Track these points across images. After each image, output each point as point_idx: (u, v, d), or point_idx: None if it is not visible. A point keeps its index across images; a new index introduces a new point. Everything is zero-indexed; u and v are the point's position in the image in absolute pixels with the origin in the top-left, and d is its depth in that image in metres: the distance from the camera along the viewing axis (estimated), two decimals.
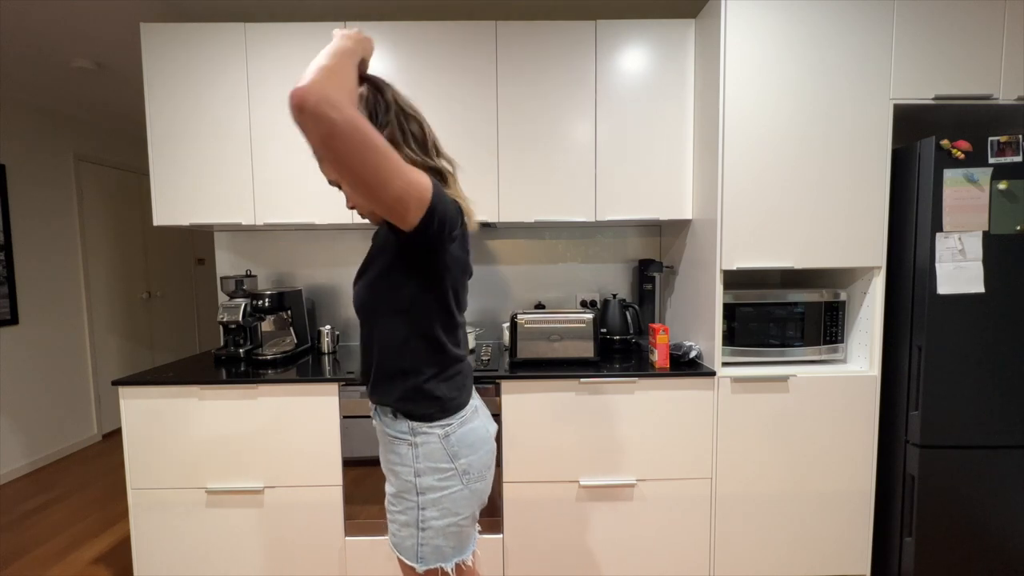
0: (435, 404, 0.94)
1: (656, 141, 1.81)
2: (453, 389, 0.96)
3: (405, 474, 0.94)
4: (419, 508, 0.93)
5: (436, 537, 0.93)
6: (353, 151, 0.71)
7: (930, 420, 1.57)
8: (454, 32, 1.78)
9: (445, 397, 0.94)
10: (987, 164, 1.50)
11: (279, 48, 1.78)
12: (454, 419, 0.95)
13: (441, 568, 0.94)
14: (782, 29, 1.56)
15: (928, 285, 1.53)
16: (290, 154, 1.80)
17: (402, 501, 0.95)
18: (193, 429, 1.63)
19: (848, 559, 1.70)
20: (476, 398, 1.04)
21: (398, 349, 0.93)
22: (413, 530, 0.93)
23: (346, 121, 0.69)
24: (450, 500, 0.93)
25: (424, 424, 0.93)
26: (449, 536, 0.94)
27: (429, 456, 0.93)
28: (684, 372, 1.65)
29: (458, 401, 0.97)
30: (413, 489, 0.93)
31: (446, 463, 0.93)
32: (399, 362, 0.93)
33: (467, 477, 0.95)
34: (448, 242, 0.89)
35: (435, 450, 0.93)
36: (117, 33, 2.13)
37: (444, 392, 0.94)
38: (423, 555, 0.93)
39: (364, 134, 0.72)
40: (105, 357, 3.45)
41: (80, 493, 2.62)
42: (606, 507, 1.67)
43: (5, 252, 2.78)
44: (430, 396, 0.93)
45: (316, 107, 0.67)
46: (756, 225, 1.61)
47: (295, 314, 2.01)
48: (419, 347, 0.93)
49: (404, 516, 0.94)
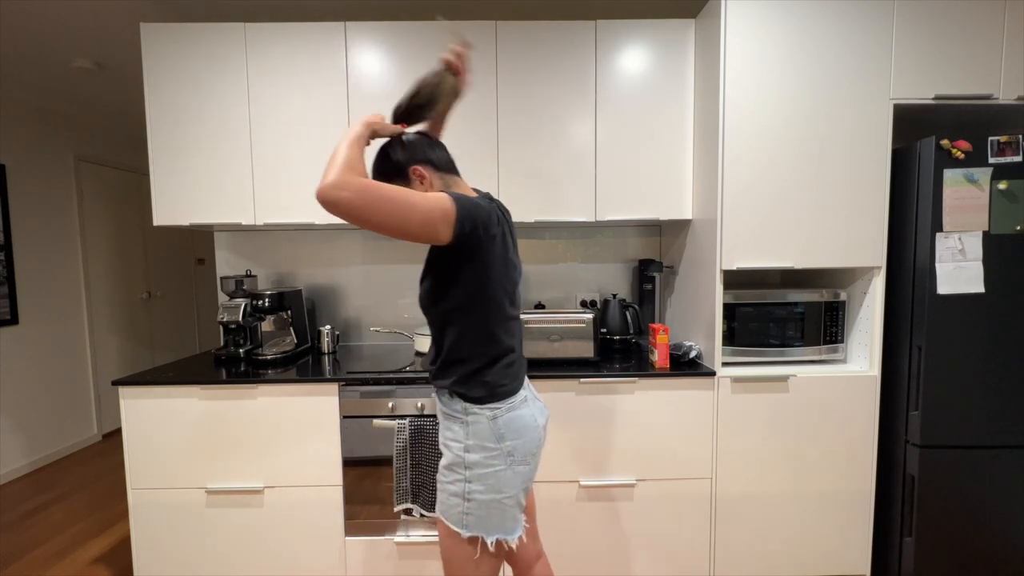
0: (485, 388, 1.03)
1: (656, 141, 1.81)
2: (503, 377, 1.05)
3: (456, 449, 1.04)
4: (466, 481, 1.02)
5: (480, 509, 1.02)
6: (371, 211, 0.87)
7: (930, 420, 1.57)
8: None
9: (494, 383, 1.04)
10: (987, 164, 1.50)
11: (279, 48, 1.78)
12: (503, 404, 1.04)
13: (482, 538, 1.02)
14: (782, 29, 1.56)
15: (928, 285, 1.53)
16: (290, 154, 1.80)
17: (452, 473, 1.04)
18: (193, 429, 1.63)
19: (848, 559, 1.70)
20: (528, 388, 1.12)
21: (456, 341, 1.04)
22: (460, 500, 1.02)
23: (355, 193, 0.86)
24: (494, 478, 1.02)
25: (475, 405, 1.03)
26: (492, 511, 1.02)
27: (478, 434, 1.03)
28: (684, 372, 1.65)
29: (508, 388, 1.05)
30: (462, 463, 1.03)
31: (492, 443, 1.02)
32: (456, 352, 1.04)
33: (511, 459, 1.03)
34: (488, 242, 0.98)
35: (483, 430, 1.03)
36: (117, 33, 2.13)
37: (494, 379, 1.04)
38: (467, 523, 1.02)
39: (373, 193, 0.87)
40: (105, 357, 3.45)
41: (80, 493, 2.62)
42: (606, 507, 1.67)
43: (5, 252, 2.78)
44: (481, 382, 1.03)
45: (329, 195, 0.85)
46: (756, 225, 1.61)
47: (295, 314, 2.01)
48: (473, 339, 1.03)
49: (453, 487, 1.04)
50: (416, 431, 1.55)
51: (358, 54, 1.79)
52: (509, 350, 1.07)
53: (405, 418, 1.57)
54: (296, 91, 1.79)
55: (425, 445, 1.55)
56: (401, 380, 1.64)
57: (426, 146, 1.08)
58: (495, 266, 1.01)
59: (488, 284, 1.00)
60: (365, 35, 1.78)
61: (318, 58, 1.78)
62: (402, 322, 2.21)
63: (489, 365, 1.04)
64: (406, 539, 1.65)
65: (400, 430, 1.56)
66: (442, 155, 1.11)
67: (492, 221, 0.99)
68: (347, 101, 1.80)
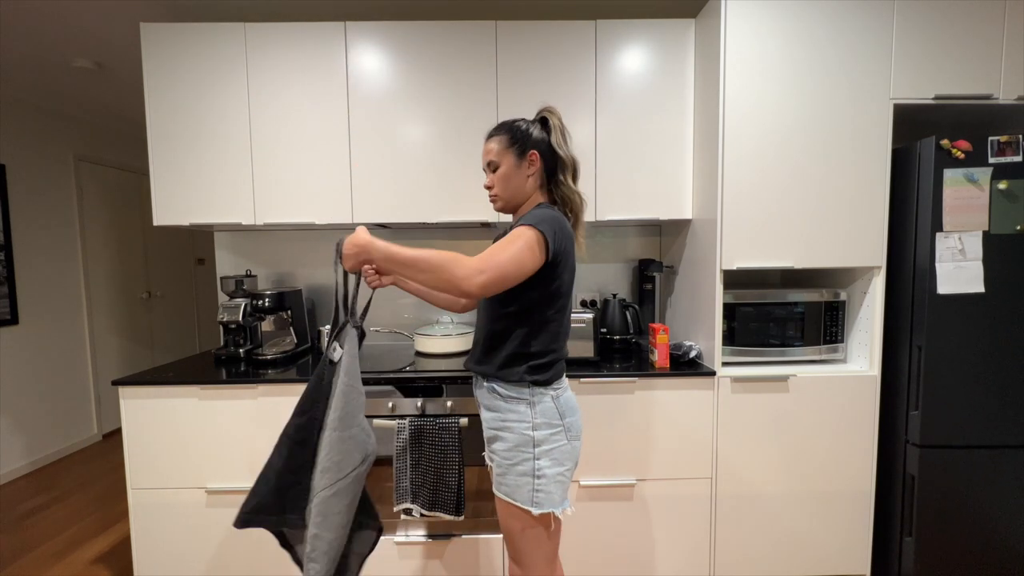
0: (549, 372, 1.15)
1: (656, 141, 1.81)
2: (560, 362, 1.19)
3: (523, 428, 1.12)
4: (535, 459, 1.10)
5: (548, 484, 1.10)
6: (505, 275, 1.02)
7: (930, 420, 1.57)
8: (454, 32, 1.78)
9: (555, 369, 1.17)
10: (987, 164, 1.50)
11: (279, 48, 1.78)
12: (560, 385, 1.18)
13: (553, 512, 1.10)
14: (782, 29, 1.56)
15: (928, 285, 1.53)
16: (290, 154, 1.80)
17: (519, 453, 1.11)
18: (193, 429, 1.63)
19: (848, 559, 1.70)
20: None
21: (528, 335, 1.14)
22: (529, 478, 1.10)
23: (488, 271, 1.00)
24: (559, 452, 1.12)
25: (541, 388, 1.14)
26: (558, 484, 1.11)
27: (544, 413, 1.12)
28: (684, 372, 1.65)
29: (562, 371, 1.20)
30: (531, 441, 1.11)
31: (556, 420, 1.13)
32: (528, 345, 1.14)
33: (570, 434, 1.14)
34: (569, 251, 1.13)
35: (548, 408, 1.13)
36: (117, 33, 2.13)
37: (557, 364, 1.17)
38: (538, 500, 1.09)
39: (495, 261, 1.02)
40: (105, 357, 3.45)
41: (80, 493, 2.62)
42: (606, 507, 1.67)
43: (5, 252, 2.78)
44: (548, 367, 1.15)
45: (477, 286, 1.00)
46: (756, 225, 1.61)
47: (295, 314, 2.01)
48: (546, 333, 1.15)
49: (521, 467, 1.11)
50: (416, 431, 1.55)
51: (358, 54, 1.79)
52: (566, 339, 1.22)
53: (405, 418, 1.57)
54: (296, 91, 1.79)
55: (425, 445, 1.55)
56: (401, 380, 1.64)
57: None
58: (568, 270, 1.14)
59: (561, 286, 1.14)
60: (365, 35, 1.78)
61: (318, 58, 1.78)
62: (402, 322, 2.20)
63: (555, 353, 1.16)
64: (406, 539, 1.65)
65: (400, 430, 1.56)
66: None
67: (568, 231, 1.13)
68: (347, 101, 1.80)
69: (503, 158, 1.17)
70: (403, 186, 1.82)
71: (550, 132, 1.18)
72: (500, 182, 1.18)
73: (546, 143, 1.17)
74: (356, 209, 1.82)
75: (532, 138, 1.17)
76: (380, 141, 1.81)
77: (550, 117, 1.19)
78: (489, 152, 1.19)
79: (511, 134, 1.17)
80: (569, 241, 1.13)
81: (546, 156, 1.18)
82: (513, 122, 1.19)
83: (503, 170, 1.17)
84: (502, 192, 1.19)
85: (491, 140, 1.19)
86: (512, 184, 1.18)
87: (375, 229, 2.16)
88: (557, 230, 1.08)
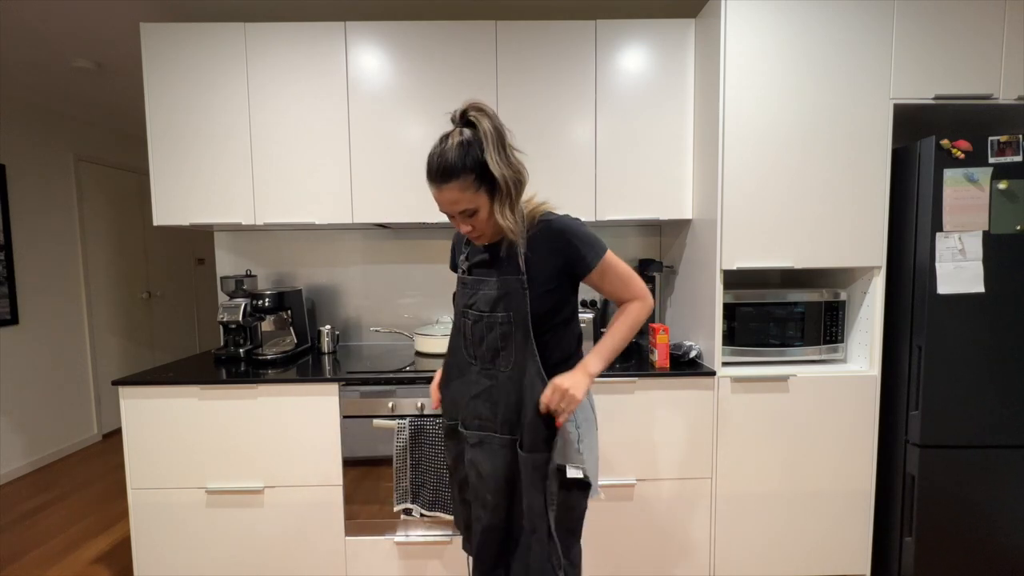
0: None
1: (656, 141, 1.81)
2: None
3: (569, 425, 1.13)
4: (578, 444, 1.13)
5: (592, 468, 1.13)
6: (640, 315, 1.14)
7: (930, 420, 1.57)
8: (454, 32, 1.78)
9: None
10: (987, 164, 1.50)
11: (279, 47, 1.78)
12: None
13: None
14: (782, 29, 1.56)
15: (928, 285, 1.53)
16: (290, 154, 1.80)
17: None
18: (193, 429, 1.63)
19: (848, 559, 1.70)
20: None
21: (564, 338, 1.15)
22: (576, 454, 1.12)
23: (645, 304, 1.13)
24: (593, 438, 1.16)
25: None
26: (593, 465, 1.14)
27: (581, 407, 1.13)
28: (684, 372, 1.65)
29: None
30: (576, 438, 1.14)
31: (590, 412, 1.17)
32: (568, 347, 1.16)
33: (596, 423, 1.20)
34: None
35: (586, 404, 1.16)
36: (117, 33, 2.13)
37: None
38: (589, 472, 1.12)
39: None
40: (105, 357, 3.45)
41: (80, 493, 2.62)
42: (606, 507, 1.67)
43: (5, 252, 2.78)
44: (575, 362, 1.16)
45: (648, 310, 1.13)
46: (756, 225, 1.61)
47: (295, 314, 2.01)
48: (574, 336, 1.19)
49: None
50: (416, 431, 1.55)
51: (358, 53, 1.79)
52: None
53: (405, 418, 1.57)
54: (296, 90, 1.79)
55: (425, 445, 1.55)
56: (401, 380, 1.64)
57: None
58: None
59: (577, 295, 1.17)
60: (365, 34, 1.78)
61: (318, 57, 1.78)
62: (402, 322, 2.20)
63: (579, 352, 1.19)
64: (406, 539, 1.65)
65: (400, 430, 1.56)
66: None
67: None
68: (347, 100, 1.80)
69: (478, 201, 1.00)
70: (403, 186, 1.81)
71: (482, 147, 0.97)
72: (484, 225, 1.04)
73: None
74: (356, 209, 1.82)
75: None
76: (380, 141, 1.81)
77: (479, 120, 0.97)
78: (455, 203, 0.99)
79: (475, 171, 0.97)
80: None
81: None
82: (466, 151, 0.96)
83: (483, 214, 1.02)
84: (490, 230, 1.07)
85: (449, 186, 0.97)
86: (504, 217, 1.01)
87: (375, 229, 2.16)
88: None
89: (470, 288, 1.14)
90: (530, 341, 1.08)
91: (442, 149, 0.97)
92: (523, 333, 1.08)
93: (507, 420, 1.11)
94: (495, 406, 1.12)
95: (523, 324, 1.08)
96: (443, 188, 0.98)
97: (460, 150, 0.96)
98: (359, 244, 2.20)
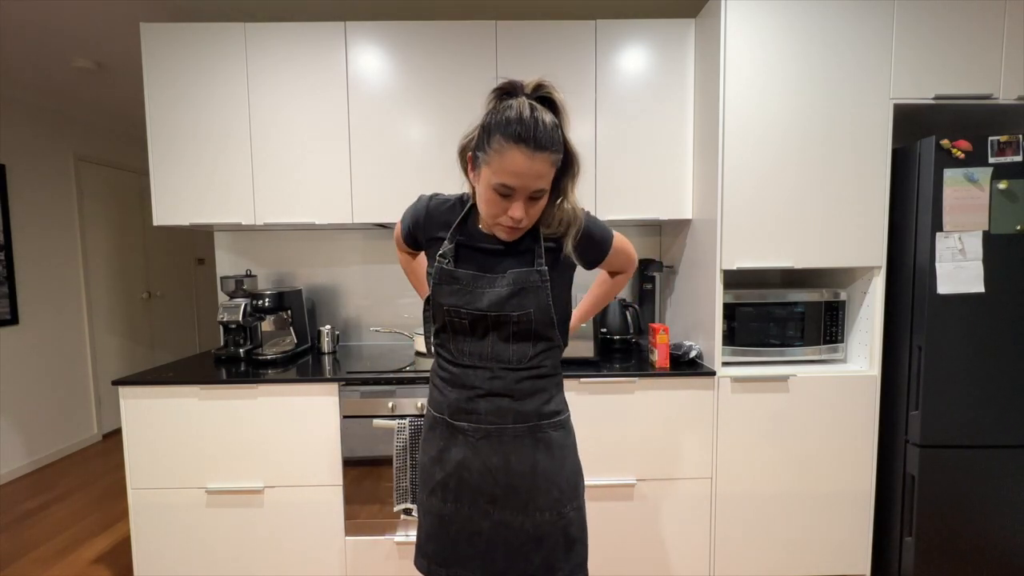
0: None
1: (656, 141, 1.81)
2: None
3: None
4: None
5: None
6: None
7: (930, 420, 1.57)
8: (454, 32, 1.78)
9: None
10: (987, 164, 1.50)
11: (279, 48, 1.78)
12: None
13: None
14: (782, 29, 1.56)
15: (928, 285, 1.53)
16: (290, 153, 1.80)
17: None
18: (193, 429, 1.63)
19: (848, 559, 1.70)
20: None
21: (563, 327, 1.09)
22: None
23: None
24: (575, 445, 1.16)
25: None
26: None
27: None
28: (684, 372, 1.65)
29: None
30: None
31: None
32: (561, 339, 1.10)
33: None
34: None
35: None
36: (117, 33, 2.13)
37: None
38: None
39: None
40: (105, 357, 3.45)
41: (80, 493, 2.62)
42: (606, 507, 1.67)
43: (5, 252, 2.78)
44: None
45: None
46: (756, 225, 1.61)
47: (295, 314, 2.01)
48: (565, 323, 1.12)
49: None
50: (416, 431, 1.55)
51: (358, 54, 1.79)
52: None
53: (405, 418, 1.57)
54: (296, 90, 1.79)
55: None
56: (401, 380, 1.64)
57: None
58: None
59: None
60: (365, 35, 1.78)
61: (318, 57, 1.78)
62: (402, 322, 2.20)
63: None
64: (406, 539, 1.65)
65: (400, 430, 1.56)
66: None
67: None
68: (347, 100, 1.80)
69: (550, 182, 0.87)
70: (403, 186, 1.81)
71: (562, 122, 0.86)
72: (538, 214, 0.90)
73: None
74: (356, 209, 1.82)
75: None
76: (380, 141, 1.81)
77: (555, 96, 0.88)
78: (540, 177, 0.84)
79: (561, 150, 0.85)
80: None
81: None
82: (556, 126, 0.85)
83: (544, 201, 0.89)
84: (529, 224, 0.92)
85: (542, 156, 0.82)
86: (572, 202, 0.92)
87: (375, 229, 2.16)
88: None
89: (466, 285, 0.95)
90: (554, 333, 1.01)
91: (536, 117, 0.82)
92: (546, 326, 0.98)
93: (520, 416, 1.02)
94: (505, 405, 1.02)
95: (544, 320, 0.97)
96: (537, 157, 0.82)
97: (553, 123, 0.84)
98: (359, 244, 2.20)
